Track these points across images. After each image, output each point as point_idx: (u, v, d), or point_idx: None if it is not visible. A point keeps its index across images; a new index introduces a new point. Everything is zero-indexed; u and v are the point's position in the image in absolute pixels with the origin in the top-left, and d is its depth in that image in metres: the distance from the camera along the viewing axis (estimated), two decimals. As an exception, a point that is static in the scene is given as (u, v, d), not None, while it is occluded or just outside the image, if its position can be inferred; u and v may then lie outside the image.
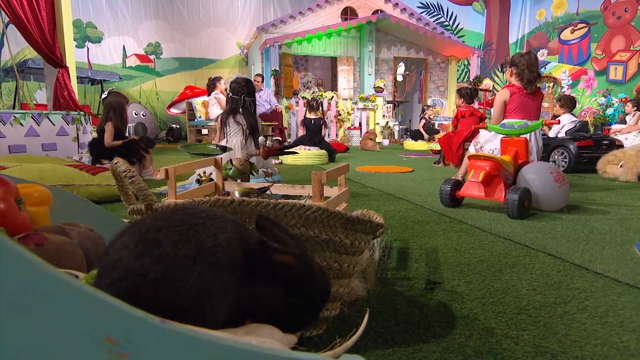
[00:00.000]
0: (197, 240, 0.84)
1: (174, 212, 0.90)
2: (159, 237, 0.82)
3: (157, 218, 0.88)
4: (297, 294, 1.00)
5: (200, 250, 0.83)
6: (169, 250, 0.81)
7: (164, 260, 0.79)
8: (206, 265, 0.83)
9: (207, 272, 0.82)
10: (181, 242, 0.83)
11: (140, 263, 0.78)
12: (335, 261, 1.34)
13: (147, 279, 0.77)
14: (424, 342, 1.40)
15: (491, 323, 1.53)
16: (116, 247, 0.82)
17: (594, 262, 2.17)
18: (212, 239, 0.86)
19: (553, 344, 1.39)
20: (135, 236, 0.82)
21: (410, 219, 3.18)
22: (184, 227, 0.85)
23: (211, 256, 0.84)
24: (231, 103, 4.21)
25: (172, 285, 0.78)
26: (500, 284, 1.91)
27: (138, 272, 0.78)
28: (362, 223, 1.39)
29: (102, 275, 0.80)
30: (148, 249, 0.80)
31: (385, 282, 1.92)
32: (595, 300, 1.73)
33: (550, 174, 3.40)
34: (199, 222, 0.88)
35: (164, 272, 0.78)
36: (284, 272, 0.96)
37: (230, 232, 0.90)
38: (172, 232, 0.84)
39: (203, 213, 0.92)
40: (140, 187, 1.25)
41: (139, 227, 0.85)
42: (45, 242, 0.89)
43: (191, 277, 0.80)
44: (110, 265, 0.79)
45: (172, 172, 2.14)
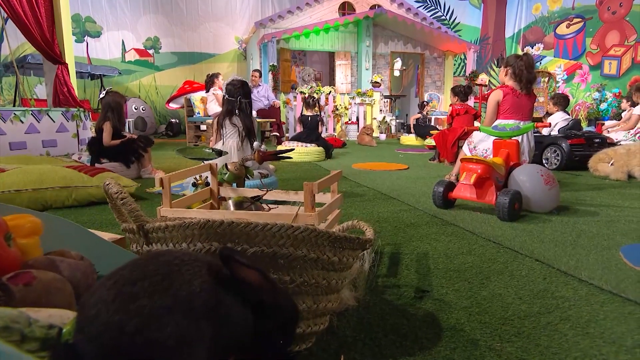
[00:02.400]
0: (171, 289, 0.87)
1: (149, 262, 0.93)
2: (135, 290, 0.85)
3: (133, 270, 0.90)
4: (266, 316, 1.04)
5: (175, 300, 0.86)
6: (145, 303, 0.83)
7: (140, 314, 0.82)
8: (182, 313, 0.85)
9: (183, 321, 0.85)
10: (157, 294, 0.85)
11: (118, 318, 0.81)
12: (323, 278, 1.38)
13: (125, 332, 0.79)
14: (410, 355, 1.45)
15: (476, 334, 1.58)
16: (93, 301, 0.84)
17: (580, 269, 2.22)
18: (186, 287, 0.89)
19: (534, 357, 1.43)
20: (112, 290, 0.85)
21: (403, 222, 3.22)
22: (158, 278, 0.88)
23: (187, 304, 0.87)
24: (227, 105, 4.24)
25: (150, 337, 0.81)
26: (487, 292, 1.95)
27: (116, 326, 0.80)
28: (349, 241, 1.43)
29: (82, 330, 0.82)
30: (125, 303, 0.82)
31: (375, 291, 1.96)
32: (578, 309, 1.77)
33: (540, 176, 3.45)
34: (173, 269, 0.91)
35: (142, 325, 0.81)
36: (250, 292, 1.00)
37: (204, 275, 0.93)
38: (148, 284, 0.86)
39: (177, 259, 0.94)
40: (131, 208, 1.29)
41: (114, 279, 0.88)
42: (33, 281, 0.92)
43: (168, 326, 0.82)
44: (89, 320, 0.82)
45: (167, 181, 2.18)
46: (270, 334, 1.06)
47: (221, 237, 1.25)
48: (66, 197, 3.57)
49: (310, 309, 1.37)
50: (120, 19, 14.64)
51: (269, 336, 1.06)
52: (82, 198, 3.65)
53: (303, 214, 2.00)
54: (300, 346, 1.41)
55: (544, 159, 6.39)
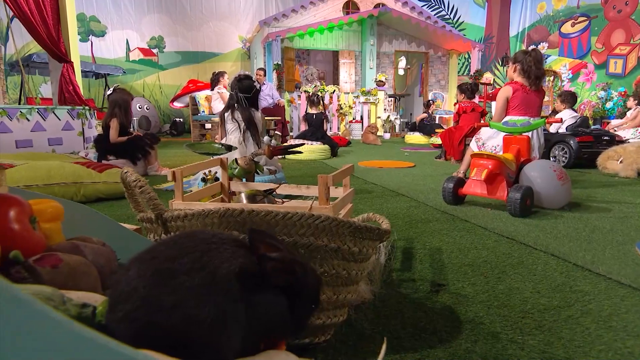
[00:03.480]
0: (211, 267, 0.84)
1: (187, 239, 0.90)
2: (174, 266, 0.82)
3: (170, 245, 0.87)
4: (293, 296, 1.00)
5: (214, 278, 0.83)
6: (184, 279, 0.81)
7: (179, 290, 0.79)
8: (220, 292, 0.83)
9: (221, 301, 0.82)
10: (195, 271, 0.82)
11: (156, 293, 0.78)
12: (343, 269, 1.36)
13: (162, 308, 0.77)
14: (431, 347, 1.42)
15: (496, 327, 1.55)
16: (129, 277, 0.81)
17: (597, 263, 2.19)
18: (226, 266, 0.86)
19: (558, 350, 1.41)
20: (149, 266, 0.82)
21: (414, 217, 3.20)
22: (197, 255, 0.85)
23: (225, 283, 0.84)
24: (229, 99, 4.25)
25: (188, 314, 0.78)
26: (504, 286, 1.93)
27: (154, 302, 0.78)
28: (370, 231, 1.40)
29: (116, 308, 0.79)
30: (163, 279, 0.80)
31: (391, 284, 1.94)
32: (599, 303, 1.75)
33: (553, 172, 3.42)
34: (211, 247, 0.88)
35: (180, 302, 0.78)
36: (277, 276, 0.96)
37: (242, 256, 0.91)
38: (186, 260, 0.83)
39: (215, 237, 0.92)
40: (150, 196, 1.27)
41: (152, 254, 0.85)
42: (60, 263, 0.89)
43: (206, 306, 0.80)
44: (124, 297, 0.79)
45: (179, 174, 2.15)
46: (298, 311, 1.03)
47: (241, 226, 1.23)
48: (74, 192, 3.55)
49: (330, 300, 1.34)
50: (125, 18, 14.66)
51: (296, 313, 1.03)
52: (90, 194, 3.63)
53: (318, 207, 1.98)
54: (319, 338, 1.38)
55: (551, 157, 6.36)
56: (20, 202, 0.94)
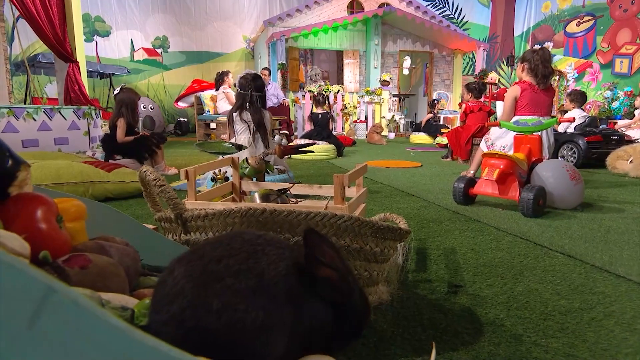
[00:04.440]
0: (258, 269, 0.82)
1: (232, 239, 0.88)
2: (220, 268, 0.80)
3: (216, 247, 0.85)
4: (338, 315, 0.98)
5: (261, 281, 0.81)
6: (231, 282, 0.79)
7: (226, 293, 0.77)
8: (267, 296, 0.81)
9: (268, 304, 0.80)
10: (242, 273, 0.81)
11: (205, 294, 0.76)
12: (365, 270, 1.34)
13: (210, 312, 0.75)
14: (452, 349, 1.39)
15: (518, 330, 1.53)
16: (175, 277, 0.80)
17: (615, 265, 2.16)
18: (272, 268, 0.84)
19: (584, 353, 1.38)
20: (196, 267, 0.80)
21: (425, 218, 3.17)
22: (243, 256, 0.83)
23: (272, 287, 0.82)
24: (239, 99, 4.20)
25: (235, 318, 0.76)
26: (522, 287, 1.90)
27: (201, 305, 0.76)
28: (392, 231, 1.38)
29: (160, 308, 0.78)
30: (210, 282, 0.78)
31: (408, 285, 1.91)
32: (621, 305, 1.72)
33: (566, 171, 3.39)
34: (257, 249, 0.86)
35: (227, 305, 0.76)
36: (325, 289, 0.94)
37: (288, 259, 0.89)
38: (233, 262, 0.82)
39: (261, 239, 0.89)
40: (170, 195, 1.24)
41: (198, 255, 0.83)
42: (89, 264, 0.87)
43: (254, 309, 0.78)
44: (169, 298, 0.77)
45: (192, 173, 2.14)
46: (341, 332, 1.00)
47: (263, 226, 1.20)
48: (83, 192, 3.54)
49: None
50: (129, 18, 14.67)
51: (339, 333, 1.00)
52: (99, 193, 3.61)
53: (333, 206, 1.95)
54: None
55: (560, 157, 6.32)
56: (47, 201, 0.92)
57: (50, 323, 0.49)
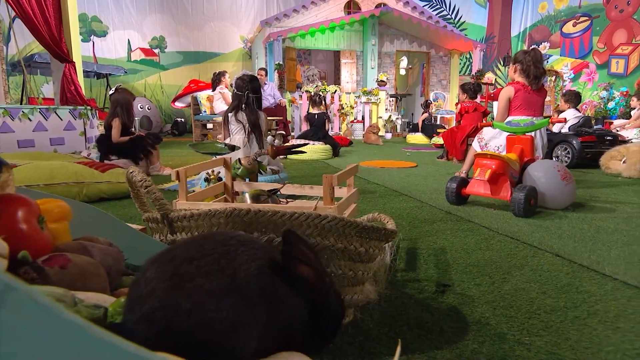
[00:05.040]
0: (229, 270, 0.84)
1: (205, 240, 0.90)
2: (191, 269, 0.82)
3: (189, 248, 0.87)
4: (314, 315, 1.00)
5: (232, 281, 0.83)
6: (202, 282, 0.80)
7: (197, 293, 0.79)
8: (238, 296, 0.82)
9: (239, 304, 0.82)
10: (214, 274, 0.82)
11: (174, 296, 0.78)
12: (350, 269, 1.35)
13: (180, 312, 0.77)
14: (437, 348, 1.41)
15: (503, 328, 1.55)
16: (147, 278, 0.81)
17: (602, 264, 2.18)
18: (244, 268, 0.86)
19: (566, 351, 1.40)
20: (168, 267, 0.82)
21: (417, 218, 3.19)
22: (215, 257, 0.85)
23: (244, 287, 0.84)
24: (235, 99, 4.22)
25: (205, 317, 0.78)
26: (509, 286, 1.92)
27: (171, 305, 0.77)
28: (376, 231, 1.40)
29: (133, 308, 0.79)
30: (181, 282, 0.80)
31: (396, 285, 1.93)
32: (606, 304, 1.74)
33: (557, 172, 3.41)
34: (230, 249, 0.88)
35: (198, 305, 0.78)
36: (303, 287, 0.96)
37: (260, 259, 0.90)
38: (205, 263, 0.83)
39: (234, 239, 0.91)
40: (156, 196, 1.26)
41: (171, 256, 0.85)
42: (69, 264, 0.89)
43: (224, 309, 0.80)
44: (142, 298, 0.79)
45: (183, 174, 2.15)
46: (317, 331, 1.02)
47: (248, 226, 1.22)
48: (77, 192, 3.55)
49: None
50: (126, 18, 14.68)
51: (314, 333, 1.02)
52: (93, 194, 3.63)
53: (322, 207, 1.97)
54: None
55: (554, 157, 6.35)
56: (28, 202, 0.93)
57: (10, 319, 0.50)
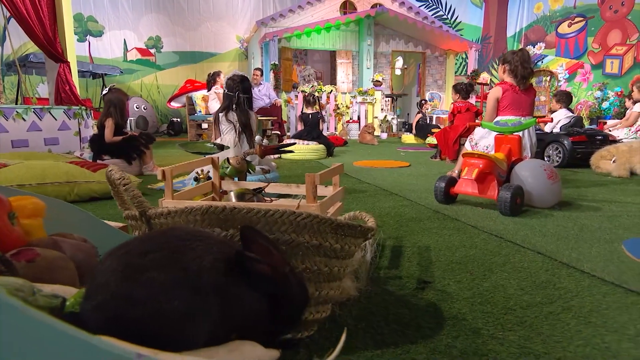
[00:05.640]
0: (182, 263, 0.87)
1: (161, 235, 0.93)
2: (144, 262, 0.85)
3: (144, 242, 0.91)
4: (276, 305, 1.03)
5: (185, 274, 0.86)
6: (154, 274, 0.83)
7: (149, 285, 0.82)
8: (191, 288, 0.85)
9: (191, 295, 0.85)
10: (167, 267, 0.85)
11: (126, 288, 0.81)
12: (325, 265, 1.38)
13: (132, 302, 0.80)
14: (412, 343, 1.44)
15: (478, 323, 1.58)
16: (103, 270, 0.85)
17: (582, 261, 2.22)
18: (197, 262, 0.89)
19: (537, 345, 1.43)
20: (121, 260, 0.86)
21: (405, 216, 3.22)
22: (169, 251, 0.88)
23: (196, 279, 0.87)
24: (225, 100, 4.25)
25: (157, 308, 0.81)
26: (489, 283, 1.95)
27: (123, 296, 0.81)
28: (352, 228, 1.43)
29: (89, 297, 0.83)
30: (134, 274, 0.83)
31: (378, 282, 1.96)
32: (581, 300, 1.77)
33: (544, 171, 3.44)
34: (185, 244, 0.91)
35: (149, 296, 0.81)
36: (261, 283, 0.99)
37: (216, 253, 0.93)
38: (159, 256, 0.86)
39: (190, 235, 0.94)
40: (134, 194, 1.29)
41: (126, 249, 0.88)
42: (36, 257, 0.92)
43: (175, 300, 0.83)
44: (97, 288, 0.82)
45: (168, 173, 2.18)
46: (277, 320, 1.06)
47: (223, 223, 1.25)
48: (68, 192, 3.57)
49: (312, 296, 1.36)
50: (122, 18, 14.68)
51: (276, 321, 1.05)
52: (84, 193, 3.65)
53: (305, 205, 2.00)
54: (302, 333, 1.40)
55: (545, 157, 6.39)
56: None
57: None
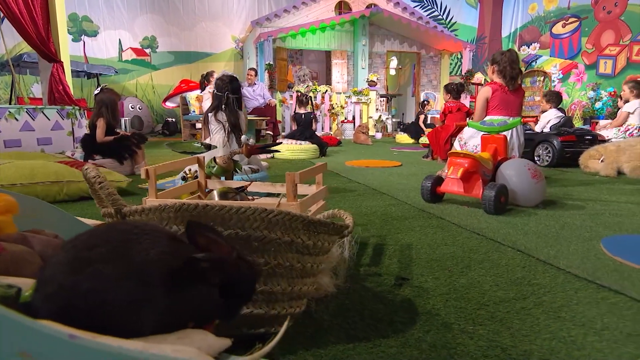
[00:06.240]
0: (127, 256, 0.91)
1: (109, 230, 0.98)
2: (91, 255, 0.90)
3: (92, 236, 0.95)
4: (228, 289, 1.08)
5: (130, 266, 0.90)
6: (99, 267, 0.88)
7: (94, 277, 0.87)
8: (135, 279, 0.90)
9: (135, 286, 0.89)
10: (112, 259, 0.90)
11: (72, 279, 0.86)
12: (298, 261, 1.42)
13: (77, 293, 0.84)
14: (384, 337, 1.48)
15: (451, 318, 1.62)
16: (53, 263, 0.90)
17: (559, 258, 2.26)
18: (143, 254, 0.93)
19: (505, 339, 1.47)
20: (69, 254, 0.90)
21: (391, 215, 3.26)
22: (115, 244, 0.93)
23: (141, 271, 0.91)
24: (215, 100, 4.28)
25: (102, 299, 0.86)
26: (466, 280, 1.99)
27: (69, 287, 0.85)
28: (324, 225, 1.46)
29: (38, 289, 0.88)
30: (80, 266, 0.87)
31: (357, 279, 2.00)
32: (553, 295, 1.81)
33: (527, 170, 3.48)
34: (131, 238, 0.95)
35: (94, 287, 0.86)
36: (214, 277, 1.04)
37: (163, 246, 0.97)
38: (105, 250, 0.91)
39: (137, 229, 0.99)
40: (109, 192, 1.32)
41: (74, 244, 0.93)
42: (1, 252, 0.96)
43: (120, 291, 0.87)
44: (46, 280, 0.87)
45: (152, 172, 2.22)
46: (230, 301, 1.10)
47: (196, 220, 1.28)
48: (57, 191, 3.60)
49: (285, 291, 1.40)
50: (117, 18, 14.68)
51: (229, 306, 1.10)
52: (73, 193, 3.68)
53: (285, 204, 2.04)
54: (276, 328, 1.43)
55: (535, 156, 6.43)
56: (-33, 195, 1.00)
57: None
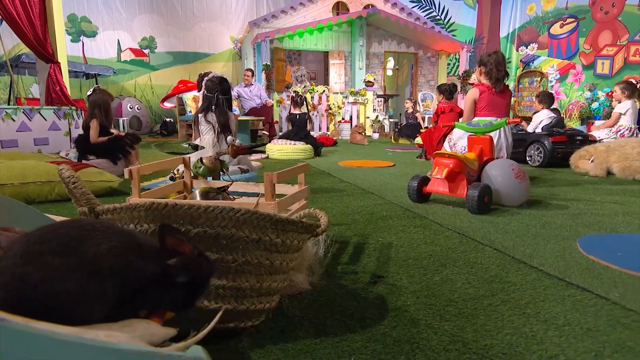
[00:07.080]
0: (78, 249, 0.97)
1: (62, 226, 1.05)
2: (42, 248, 0.96)
3: (46, 231, 1.01)
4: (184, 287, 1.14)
5: (80, 259, 0.96)
6: (49, 259, 0.94)
7: (44, 268, 0.93)
8: (85, 272, 0.96)
9: (85, 278, 0.95)
10: (63, 253, 0.96)
11: (22, 271, 0.92)
12: (266, 259, 1.46)
13: (27, 284, 0.91)
14: (351, 332, 1.53)
15: (419, 315, 1.66)
16: (8, 255, 0.96)
17: (533, 256, 2.31)
18: (94, 249, 0.99)
19: (468, 334, 1.52)
20: (23, 246, 0.96)
21: (375, 215, 3.31)
22: (67, 239, 0.99)
23: (92, 264, 0.97)
24: (205, 101, 4.33)
25: (51, 289, 0.92)
26: (439, 277, 2.04)
27: (19, 278, 0.92)
28: (292, 224, 1.51)
29: None
30: (31, 259, 0.94)
31: (333, 276, 2.05)
32: (522, 293, 1.86)
33: (511, 170, 3.53)
34: (83, 233, 1.01)
35: (44, 279, 0.92)
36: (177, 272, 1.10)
37: (114, 241, 1.03)
38: (56, 244, 0.97)
39: (89, 225, 1.05)
40: (83, 191, 1.37)
41: (28, 238, 1.00)
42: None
43: (69, 282, 0.93)
44: (1, 270, 0.93)
45: (135, 172, 2.27)
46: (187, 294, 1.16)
47: (166, 219, 1.33)
48: (49, 191, 3.66)
49: (253, 288, 1.45)
50: (116, 18, 14.76)
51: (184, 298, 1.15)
52: (64, 193, 3.73)
53: (263, 203, 2.09)
54: (245, 323, 1.49)
55: (527, 157, 6.48)
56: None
57: None
